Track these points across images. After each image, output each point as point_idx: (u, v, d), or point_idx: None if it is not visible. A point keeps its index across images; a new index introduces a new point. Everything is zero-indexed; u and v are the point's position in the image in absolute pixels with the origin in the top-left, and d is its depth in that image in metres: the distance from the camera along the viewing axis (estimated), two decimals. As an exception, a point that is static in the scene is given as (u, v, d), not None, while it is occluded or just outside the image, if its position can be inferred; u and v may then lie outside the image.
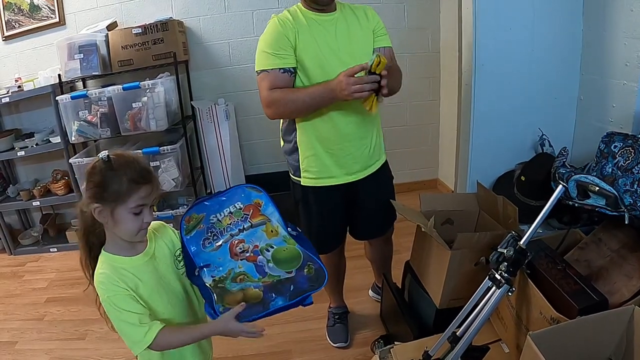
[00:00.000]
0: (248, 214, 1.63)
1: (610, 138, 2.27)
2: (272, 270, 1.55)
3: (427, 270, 2.30)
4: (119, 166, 1.39)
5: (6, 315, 3.40)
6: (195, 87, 4.30)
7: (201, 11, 4.11)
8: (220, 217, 1.62)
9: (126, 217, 1.41)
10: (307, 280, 1.54)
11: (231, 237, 1.60)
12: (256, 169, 4.61)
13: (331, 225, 2.44)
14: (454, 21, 3.71)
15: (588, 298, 1.64)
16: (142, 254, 1.53)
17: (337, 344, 2.67)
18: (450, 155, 4.31)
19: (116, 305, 1.40)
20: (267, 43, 2.10)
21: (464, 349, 1.69)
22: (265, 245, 1.60)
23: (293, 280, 1.54)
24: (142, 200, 1.42)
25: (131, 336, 1.41)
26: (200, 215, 1.60)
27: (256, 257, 1.57)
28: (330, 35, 2.11)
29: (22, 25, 4.16)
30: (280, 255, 1.58)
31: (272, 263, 1.57)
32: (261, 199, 1.66)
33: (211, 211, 1.62)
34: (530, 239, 1.69)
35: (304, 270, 1.56)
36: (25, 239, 4.48)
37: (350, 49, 2.13)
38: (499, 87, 2.70)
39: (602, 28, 2.49)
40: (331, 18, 2.14)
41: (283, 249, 1.60)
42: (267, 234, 1.62)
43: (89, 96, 3.75)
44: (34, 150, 4.08)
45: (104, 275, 1.43)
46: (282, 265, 1.57)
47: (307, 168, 2.30)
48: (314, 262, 1.58)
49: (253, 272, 1.55)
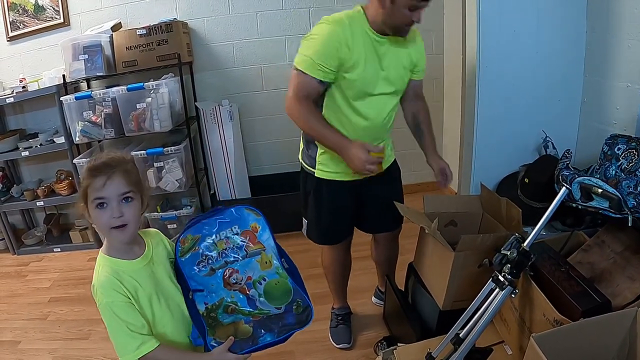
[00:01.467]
0: (245, 240, 1.60)
1: (614, 140, 2.28)
2: (263, 305, 1.56)
3: (431, 271, 2.30)
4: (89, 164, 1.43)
5: (10, 314, 3.41)
6: (199, 88, 4.31)
7: (205, 12, 4.12)
8: (216, 240, 1.59)
9: (94, 212, 1.42)
10: (294, 318, 1.56)
11: (226, 264, 1.58)
12: (260, 170, 4.61)
13: (340, 218, 2.46)
14: (457, 23, 3.71)
15: (591, 300, 1.64)
16: (141, 258, 1.52)
17: (340, 345, 2.67)
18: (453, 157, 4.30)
19: (114, 312, 1.39)
20: (315, 51, 2.04)
21: (467, 350, 1.70)
22: (258, 277, 1.58)
23: (282, 317, 1.55)
24: (100, 193, 1.39)
25: (123, 345, 1.40)
26: (196, 237, 1.58)
27: (248, 290, 1.57)
28: (379, 62, 2.12)
29: (27, 26, 4.18)
30: (272, 290, 1.58)
31: (264, 297, 1.57)
32: (259, 223, 1.63)
33: (207, 232, 1.59)
34: (533, 241, 1.69)
35: (293, 306, 1.58)
36: (29, 239, 4.49)
37: (390, 79, 2.17)
38: (503, 89, 2.70)
39: (606, 30, 2.49)
40: (385, 42, 2.12)
41: (275, 282, 1.59)
42: (261, 265, 1.60)
43: (93, 97, 3.75)
44: (38, 150, 4.08)
45: (105, 278, 1.42)
46: (273, 301, 1.57)
47: (323, 162, 2.32)
48: (302, 299, 1.59)
49: (244, 304, 1.56)
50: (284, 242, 1.68)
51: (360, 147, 2.01)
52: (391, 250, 2.75)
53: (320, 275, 2.78)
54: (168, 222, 4.05)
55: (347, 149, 2.05)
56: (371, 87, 2.13)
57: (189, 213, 4.04)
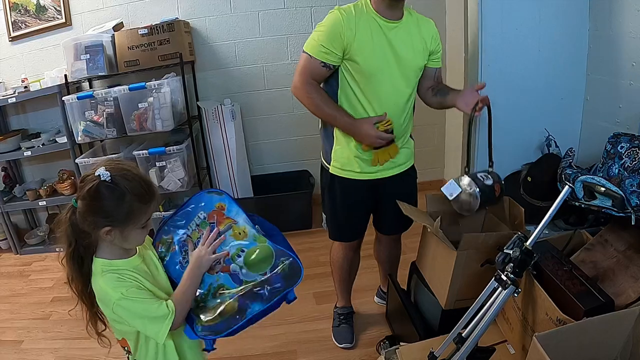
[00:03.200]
0: (213, 221, 1.58)
1: (617, 139, 2.27)
2: (247, 277, 1.51)
3: (433, 270, 2.29)
4: (125, 188, 1.38)
5: (12, 314, 3.41)
6: (201, 88, 4.31)
7: (207, 12, 4.12)
8: (189, 232, 1.58)
9: (136, 233, 1.45)
10: (282, 279, 1.49)
11: None
12: (262, 169, 4.61)
13: (354, 216, 2.47)
14: (459, 21, 3.70)
15: (594, 299, 1.64)
16: (136, 256, 1.55)
17: (343, 345, 2.67)
18: (456, 156, 4.31)
19: (129, 296, 1.40)
20: (322, 34, 2.09)
21: (470, 350, 1.69)
22: (236, 251, 1.54)
23: (268, 282, 1.49)
24: (150, 215, 1.45)
25: (156, 315, 1.41)
26: (168, 237, 1.59)
27: (229, 267, 1.53)
28: (389, 46, 2.13)
29: (29, 26, 4.18)
30: (252, 259, 1.53)
31: (245, 269, 1.52)
32: (223, 201, 1.61)
33: (179, 227, 1.59)
34: (536, 240, 1.69)
35: (278, 268, 1.51)
36: (32, 239, 4.50)
37: (402, 63, 2.17)
38: (505, 87, 2.69)
39: (609, 28, 2.48)
40: (395, 26, 2.13)
41: (254, 250, 1.53)
42: (236, 237, 1.56)
43: (95, 96, 3.76)
44: (41, 150, 4.09)
45: (108, 281, 1.43)
46: (255, 268, 1.52)
47: (337, 158, 2.33)
48: (286, 257, 1.52)
49: (230, 283, 1.52)
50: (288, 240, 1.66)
51: (367, 123, 2.12)
52: (394, 249, 2.75)
53: (323, 275, 2.78)
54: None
55: (357, 128, 2.14)
56: (382, 71, 2.13)
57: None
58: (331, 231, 2.56)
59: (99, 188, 1.36)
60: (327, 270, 2.74)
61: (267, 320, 2.86)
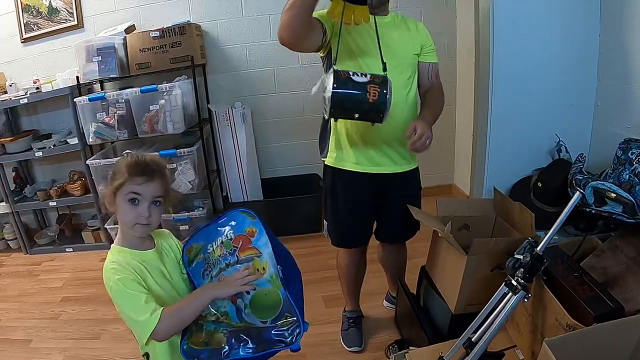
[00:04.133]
0: (237, 246, 1.53)
1: (628, 145, 2.27)
2: (248, 317, 1.47)
3: (443, 275, 2.29)
4: (129, 156, 1.51)
5: (22, 313, 3.43)
6: (212, 91, 4.33)
7: (218, 15, 4.14)
8: (214, 247, 1.57)
9: (123, 205, 1.49)
10: (276, 335, 1.43)
11: (220, 271, 1.54)
12: (272, 172, 4.62)
13: (358, 219, 2.44)
14: (470, 26, 3.71)
15: (604, 305, 1.64)
16: (153, 251, 1.59)
17: (352, 348, 2.67)
18: (465, 161, 4.30)
19: (125, 285, 1.42)
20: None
21: (479, 355, 1.69)
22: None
23: (262, 332, 1.44)
24: (137, 190, 1.48)
25: (138, 315, 1.40)
26: (199, 245, 1.59)
27: (236, 299, 1.49)
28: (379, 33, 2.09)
29: (41, 28, 4.21)
30: (259, 301, 1.47)
31: (249, 309, 1.48)
32: (255, 226, 1.54)
33: (208, 239, 1.58)
34: (546, 246, 1.69)
35: (279, 322, 1.44)
36: (42, 239, 4.52)
37: (392, 48, 2.15)
38: (516, 92, 2.70)
39: (619, 33, 2.48)
40: (382, 18, 2.16)
41: (265, 293, 1.47)
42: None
43: (107, 98, 3.77)
44: (52, 151, 4.11)
45: (114, 263, 1.48)
46: (259, 313, 1.47)
47: (334, 148, 2.34)
48: (292, 313, 1.44)
49: (234, 316, 1.49)
50: (296, 244, 1.67)
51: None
52: (398, 254, 2.74)
53: (332, 278, 2.78)
54: (180, 224, 4.06)
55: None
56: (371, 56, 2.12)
57: (201, 215, 4.05)
58: (334, 237, 2.54)
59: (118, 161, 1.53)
60: (336, 274, 2.74)
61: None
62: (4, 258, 4.44)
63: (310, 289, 3.28)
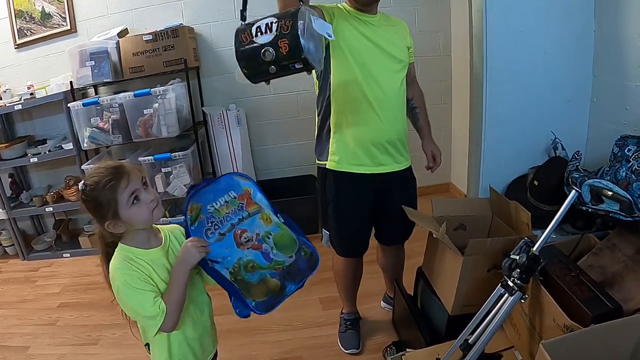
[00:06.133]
0: (243, 202, 1.68)
1: (624, 141, 2.25)
2: (277, 256, 1.66)
3: (440, 276, 2.28)
4: (95, 183, 1.46)
5: (19, 320, 3.42)
6: (206, 93, 4.32)
7: (211, 17, 4.13)
8: (217, 206, 1.64)
9: (132, 211, 1.49)
10: (305, 263, 1.70)
11: (232, 227, 1.64)
12: (268, 174, 4.61)
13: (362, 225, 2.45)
14: (465, 24, 3.69)
15: (602, 306, 1.62)
16: (159, 249, 1.60)
17: (349, 350, 2.65)
18: (462, 159, 4.29)
19: (132, 285, 1.45)
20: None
21: (476, 356, 1.68)
22: (264, 233, 1.67)
23: (297, 264, 1.68)
24: (130, 189, 1.48)
25: (146, 315, 1.46)
26: (198, 205, 1.62)
27: (261, 245, 1.66)
28: (370, 30, 2.18)
29: (34, 33, 4.20)
30: (280, 241, 1.68)
31: (276, 249, 1.67)
32: (249, 186, 1.72)
33: (207, 200, 1.64)
34: (543, 245, 1.67)
35: (302, 253, 1.70)
36: (39, 245, 4.51)
37: (390, 45, 2.21)
38: (511, 90, 2.68)
39: (615, 29, 2.46)
40: (372, 19, 2.21)
41: (280, 235, 1.69)
42: (264, 222, 1.69)
43: (101, 103, 3.77)
44: (47, 156, 4.11)
45: (119, 263, 1.50)
46: (284, 250, 1.68)
47: (336, 152, 2.32)
48: (307, 246, 1.72)
49: (261, 260, 1.64)
50: None
51: None
52: (397, 257, 2.74)
53: (329, 280, 2.77)
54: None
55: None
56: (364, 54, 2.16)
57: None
58: (341, 247, 2.52)
59: (82, 198, 1.49)
60: (333, 275, 2.73)
61: (274, 326, 2.89)
62: (1, 264, 4.44)
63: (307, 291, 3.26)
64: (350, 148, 2.26)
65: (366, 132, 2.23)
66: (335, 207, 2.40)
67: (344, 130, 2.26)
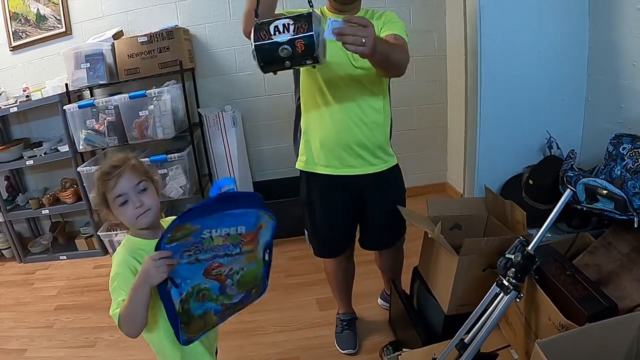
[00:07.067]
0: (244, 240, 1.54)
1: (619, 140, 2.26)
2: (231, 290, 1.59)
3: (435, 276, 2.28)
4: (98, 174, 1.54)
5: (16, 322, 3.41)
6: (202, 95, 4.31)
7: (206, 18, 4.12)
8: (214, 235, 1.46)
9: (118, 211, 1.54)
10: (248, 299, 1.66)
11: (213, 258, 1.50)
12: (264, 175, 4.61)
13: (336, 227, 2.39)
14: (459, 24, 3.69)
15: (597, 304, 1.63)
16: None
17: (346, 351, 2.65)
18: (458, 159, 4.29)
19: (118, 281, 1.49)
20: None
21: (472, 356, 1.68)
22: (238, 268, 1.57)
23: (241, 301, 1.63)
24: (118, 191, 1.51)
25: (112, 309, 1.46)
26: (194, 227, 1.42)
27: (225, 280, 1.56)
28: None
29: (29, 36, 4.19)
30: (245, 277, 1.61)
31: (235, 285, 1.59)
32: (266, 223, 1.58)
33: (208, 225, 1.44)
34: (538, 244, 1.68)
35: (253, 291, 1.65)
36: (35, 247, 4.50)
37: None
38: (506, 89, 2.69)
39: (609, 28, 2.47)
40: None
41: (252, 271, 1.62)
42: (246, 260, 1.58)
43: (96, 105, 3.76)
44: (43, 159, 4.10)
45: (121, 254, 1.54)
46: (241, 287, 1.61)
47: (303, 151, 2.32)
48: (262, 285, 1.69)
49: (215, 291, 1.55)
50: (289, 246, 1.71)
51: None
52: (395, 259, 2.71)
53: (325, 281, 2.77)
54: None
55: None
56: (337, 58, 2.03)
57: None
58: (315, 247, 2.51)
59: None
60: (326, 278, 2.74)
61: (270, 327, 2.89)
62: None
63: (303, 292, 3.28)
64: (317, 149, 2.23)
65: (329, 135, 2.16)
66: (308, 208, 2.40)
67: (310, 132, 2.25)
